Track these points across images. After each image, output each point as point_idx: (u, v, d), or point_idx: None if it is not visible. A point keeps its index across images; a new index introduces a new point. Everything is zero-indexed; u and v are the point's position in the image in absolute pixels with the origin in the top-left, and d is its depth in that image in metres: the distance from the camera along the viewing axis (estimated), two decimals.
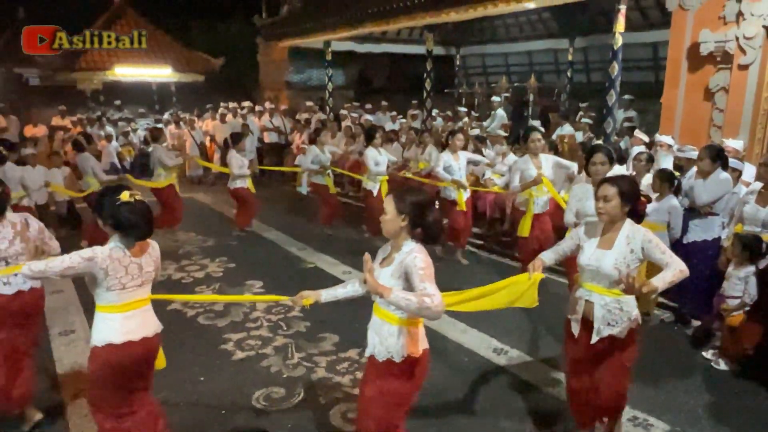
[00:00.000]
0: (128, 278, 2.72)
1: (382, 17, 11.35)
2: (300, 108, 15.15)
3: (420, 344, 2.61)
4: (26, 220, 3.41)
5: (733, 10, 6.94)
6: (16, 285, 3.27)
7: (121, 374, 2.75)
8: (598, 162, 4.09)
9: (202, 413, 3.65)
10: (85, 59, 15.98)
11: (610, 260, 2.82)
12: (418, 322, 2.61)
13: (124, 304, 2.74)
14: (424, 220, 2.45)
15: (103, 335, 2.71)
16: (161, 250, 3.00)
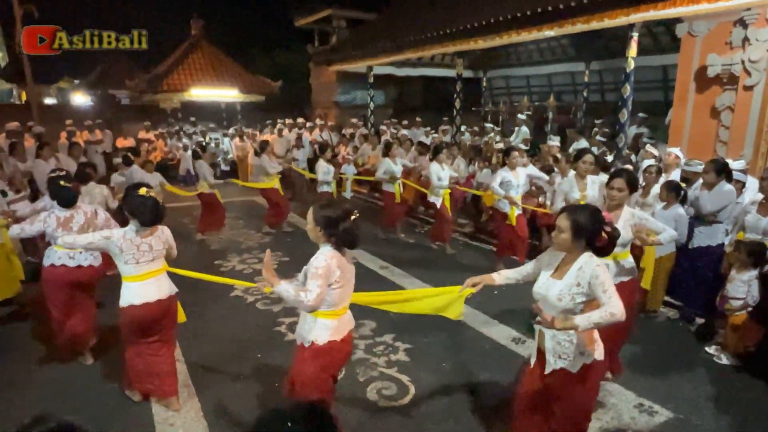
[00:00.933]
0: (140, 254, 3.09)
1: (417, 45, 11.38)
2: (346, 124, 15.30)
3: (327, 334, 2.56)
4: (96, 210, 4.01)
5: (740, 36, 6.70)
6: (78, 260, 3.82)
7: (142, 327, 3.19)
8: (615, 187, 3.45)
9: (260, 384, 3.74)
10: (167, 83, 16.56)
11: (555, 290, 2.42)
12: (332, 314, 2.56)
13: (140, 275, 3.11)
14: (335, 230, 2.49)
15: (126, 299, 3.14)
16: (227, 246, 3.16)
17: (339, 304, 2.56)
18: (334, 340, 2.57)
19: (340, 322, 2.60)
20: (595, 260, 2.37)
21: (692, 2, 6.24)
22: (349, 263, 2.60)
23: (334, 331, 2.57)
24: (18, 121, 10.54)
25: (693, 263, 4.78)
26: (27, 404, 3.44)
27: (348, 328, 2.68)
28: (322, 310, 2.53)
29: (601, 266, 2.34)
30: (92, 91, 26.35)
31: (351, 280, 2.64)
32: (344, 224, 2.49)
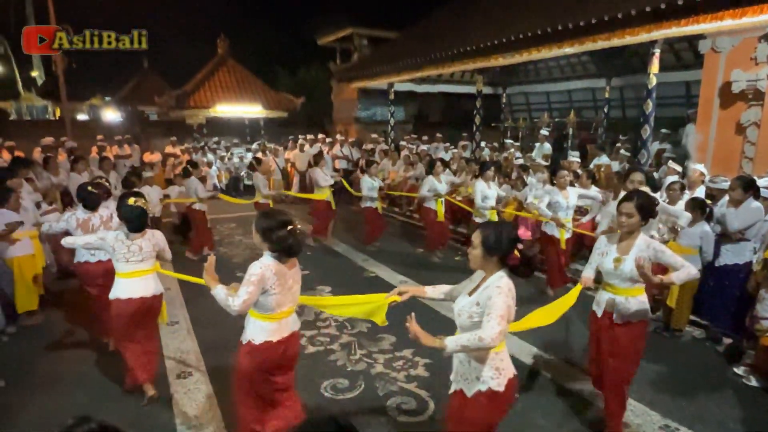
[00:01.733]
0: (130, 254, 3.45)
1: (438, 63, 11.46)
2: (366, 139, 15.43)
3: (264, 335, 2.71)
4: (111, 214, 4.30)
5: (764, 52, 6.61)
6: (98, 256, 4.19)
7: (126, 320, 3.49)
8: (624, 212, 3.04)
9: None
10: (194, 99, 16.99)
11: (457, 306, 2.39)
12: (270, 317, 2.71)
13: (129, 272, 3.46)
14: (270, 238, 2.63)
15: (114, 292, 3.50)
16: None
17: (277, 308, 2.70)
18: (270, 340, 2.72)
19: (280, 325, 2.75)
20: (502, 281, 2.24)
21: (715, 18, 6.18)
22: (291, 269, 2.74)
23: (272, 332, 2.72)
24: (52, 137, 10.93)
25: (719, 281, 4.66)
26: (55, 411, 3.51)
27: (289, 330, 2.81)
28: (260, 312, 2.70)
29: (502, 288, 2.21)
30: (122, 108, 27.17)
31: (293, 286, 2.78)
32: (280, 233, 2.61)
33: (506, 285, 2.24)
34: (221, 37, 18.67)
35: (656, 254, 2.98)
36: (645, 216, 2.99)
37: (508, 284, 2.25)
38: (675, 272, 2.99)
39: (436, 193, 7.32)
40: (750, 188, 4.48)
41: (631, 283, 3.07)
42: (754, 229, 4.48)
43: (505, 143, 12.39)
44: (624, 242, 3.08)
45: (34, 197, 5.80)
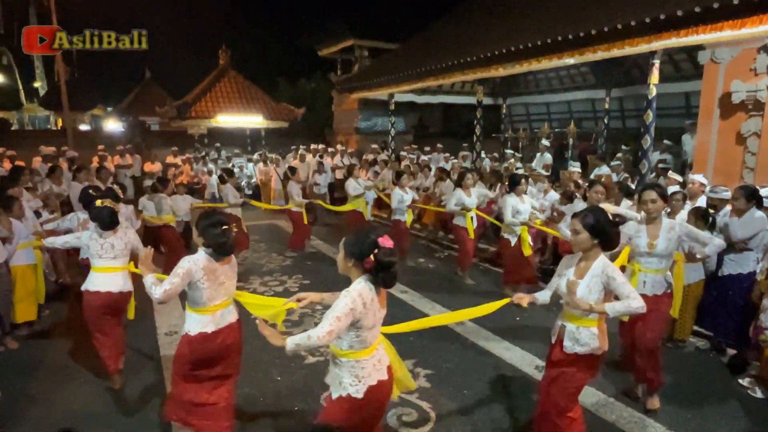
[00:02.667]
0: (103, 251, 3.74)
1: (438, 73, 11.53)
2: (366, 150, 15.47)
3: (198, 327, 2.92)
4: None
5: (764, 62, 6.64)
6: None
7: (94, 311, 3.77)
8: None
9: (278, 408, 3.70)
10: (195, 109, 17.06)
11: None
12: (203, 310, 2.91)
13: (99, 268, 3.74)
14: (205, 236, 2.86)
15: (85, 284, 3.79)
16: (249, 268, 3.24)
17: (209, 302, 2.90)
18: (205, 332, 2.90)
19: (214, 317, 2.93)
20: (355, 286, 2.28)
21: (715, 29, 6.21)
22: (224, 266, 2.95)
23: (206, 324, 2.91)
24: (54, 146, 10.97)
25: (723, 292, 4.62)
26: (51, 424, 3.47)
27: (226, 321, 2.99)
28: (193, 307, 2.92)
29: (350, 292, 2.26)
30: (124, 118, 27.30)
31: (225, 281, 2.97)
32: (214, 231, 2.82)
33: (356, 290, 2.25)
34: (223, 47, 18.80)
35: (608, 280, 2.66)
36: (596, 236, 2.67)
37: (359, 290, 2.25)
38: (611, 303, 2.66)
39: (464, 207, 6.74)
40: (753, 198, 4.46)
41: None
42: (757, 239, 4.46)
43: (505, 153, 12.41)
44: (582, 263, 2.78)
45: (33, 204, 5.80)
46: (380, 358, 2.44)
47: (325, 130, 20.30)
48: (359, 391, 2.33)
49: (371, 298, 2.27)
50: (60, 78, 15.11)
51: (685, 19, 6.37)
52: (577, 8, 9.02)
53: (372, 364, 2.37)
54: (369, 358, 2.36)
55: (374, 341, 2.40)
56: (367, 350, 2.34)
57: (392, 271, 2.28)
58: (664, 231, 3.50)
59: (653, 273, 3.58)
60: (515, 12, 11.62)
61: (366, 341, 2.31)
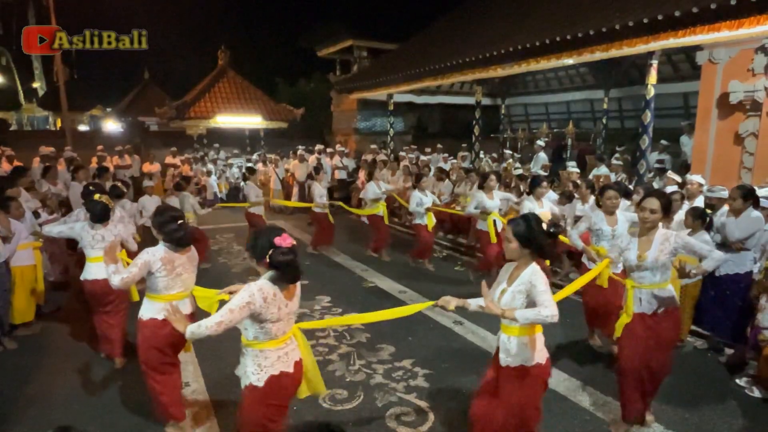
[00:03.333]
0: (94, 242, 4.05)
1: (437, 74, 11.54)
2: (365, 150, 15.48)
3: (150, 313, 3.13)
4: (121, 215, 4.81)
5: (761, 63, 6.66)
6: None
7: (94, 298, 4.13)
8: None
9: None
10: (194, 110, 17.06)
11: None
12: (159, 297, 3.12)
13: (92, 258, 4.01)
14: (162, 230, 3.08)
15: (83, 275, 4.14)
16: (247, 268, 3.24)
17: (164, 290, 3.10)
18: (155, 318, 3.08)
19: (166, 306, 2.91)
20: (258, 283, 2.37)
21: (712, 30, 6.23)
22: (182, 257, 3.13)
23: (158, 311, 3.08)
24: (53, 147, 10.95)
25: (720, 291, 4.64)
26: (49, 424, 3.47)
27: (183, 312, 3.01)
28: (151, 293, 3.13)
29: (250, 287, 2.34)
30: (123, 118, 27.28)
31: (182, 273, 3.15)
32: (171, 226, 3.04)
33: (257, 285, 2.35)
34: (222, 48, 18.81)
35: (530, 287, 2.54)
36: (527, 245, 2.59)
37: (260, 285, 2.35)
38: (521, 310, 2.51)
39: (484, 210, 6.37)
40: (750, 197, 4.48)
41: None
42: (754, 239, 4.47)
43: (504, 154, 12.43)
44: (515, 271, 2.67)
45: (31, 204, 5.80)
46: (288, 351, 2.53)
47: (324, 130, 20.31)
48: (260, 379, 2.43)
49: (273, 293, 2.36)
50: (59, 78, 15.09)
51: (682, 19, 6.39)
52: (576, 9, 9.04)
53: (277, 356, 2.46)
54: (274, 350, 2.45)
55: (282, 334, 2.47)
56: (272, 342, 2.44)
57: (293, 267, 2.38)
58: (657, 242, 3.16)
59: (648, 288, 3.22)
60: (514, 13, 11.64)
61: (271, 333, 2.40)
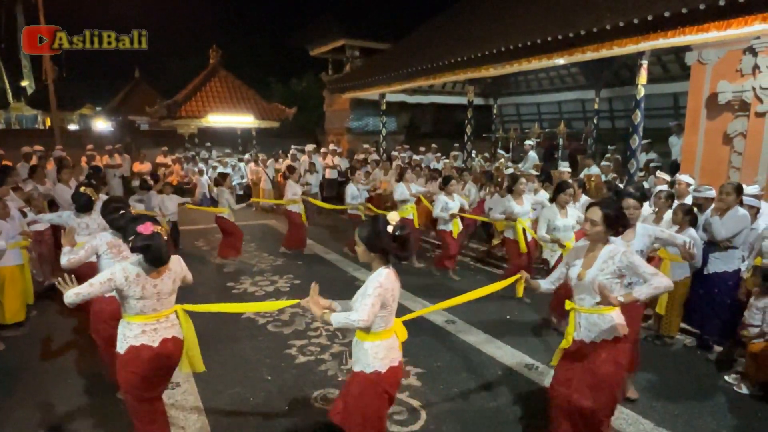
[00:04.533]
0: (80, 229, 4.27)
1: (429, 73, 11.54)
2: (358, 150, 15.47)
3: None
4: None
5: (750, 64, 6.72)
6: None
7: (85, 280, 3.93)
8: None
9: (269, 407, 3.69)
10: (185, 109, 16.96)
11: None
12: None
13: (78, 243, 3.80)
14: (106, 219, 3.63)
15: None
16: (240, 268, 3.21)
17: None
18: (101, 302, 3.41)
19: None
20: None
21: (701, 30, 6.28)
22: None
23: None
24: (42, 146, 10.84)
25: (709, 290, 4.68)
26: (39, 425, 3.43)
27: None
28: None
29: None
30: (113, 117, 27.05)
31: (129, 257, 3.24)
32: (113, 216, 3.43)
33: (120, 265, 2.73)
34: (213, 47, 18.71)
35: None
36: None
37: (123, 266, 2.71)
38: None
39: (510, 216, 6.03)
40: (740, 192, 4.56)
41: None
42: (741, 237, 4.52)
43: (496, 154, 12.48)
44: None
45: (14, 203, 5.73)
46: (159, 328, 2.82)
47: (317, 130, 20.27)
48: (122, 348, 2.77)
49: (136, 274, 2.68)
50: (48, 77, 14.92)
51: (672, 20, 6.44)
52: (567, 9, 9.08)
53: (142, 330, 2.76)
54: (139, 324, 2.76)
55: (151, 312, 2.77)
56: (138, 316, 2.75)
57: (152, 252, 2.65)
58: (599, 260, 2.79)
59: (587, 312, 2.85)
60: (506, 13, 11.67)
61: (136, 308, 2.73)
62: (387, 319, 2.58)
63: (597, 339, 2.82)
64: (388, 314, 2.57)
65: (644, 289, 2.64)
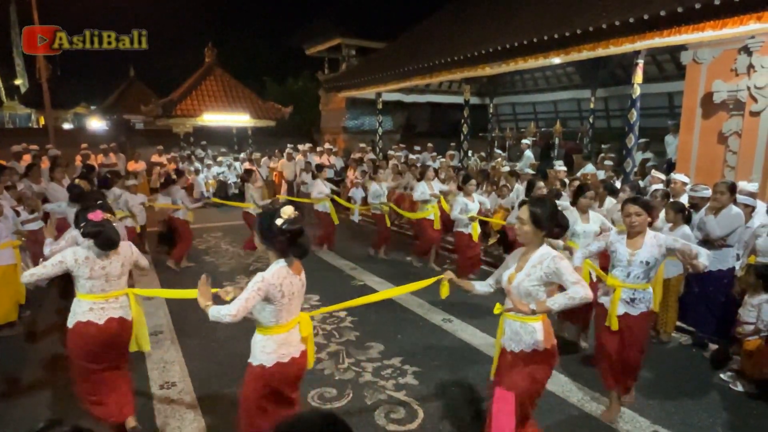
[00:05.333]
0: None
1: (425, 72, 11.55)
2: (354, 149, 15.45)
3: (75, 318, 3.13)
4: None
5: (744, 63, 6.76)
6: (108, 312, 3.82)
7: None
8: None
9: None
10: (181, 108, 16.85)
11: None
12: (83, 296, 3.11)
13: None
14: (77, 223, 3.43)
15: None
16: (235, 268, 3.18)
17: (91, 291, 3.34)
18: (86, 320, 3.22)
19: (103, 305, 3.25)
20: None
21: (697, 29, 6.31)
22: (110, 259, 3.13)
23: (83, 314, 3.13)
24: (36, 145, 10.77)
25: (704, 288, 4.71)
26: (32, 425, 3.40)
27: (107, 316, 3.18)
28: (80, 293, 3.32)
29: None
30: (108, 116, 26.89)
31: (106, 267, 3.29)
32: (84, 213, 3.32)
33: (72, 250, 2.96)
34: (209, 45, 18.62)
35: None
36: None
37: (75, 250, 2.95)
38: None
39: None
40: (734, 191, 4.59)
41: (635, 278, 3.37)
42: (735, 235, 4.55)
43: (493, 153, 12.50)
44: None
45: (6, 203, 5.68)
46: (106, 307, 3.04)
47: (313, 129, 20.23)
48: (70, 323, 3.02)
49: (86, 257, 2.93)
50: (42, 75, 14.82)
51: (668, 19, 6.47)
52: (563, 9, 9.10)
53: (89, 307, 3.00)
54: (87, 302, 3.00)
55: (100, 292, 3.01)
56: (88, 295, 3.00)
57: (101, 237, 2.90)
58: (529, 264, 2.61)
59: (512, 319, 2.72)
60: (502, 11, 11.68)
61: (86, 287, 2.98)
62: (279, 315, 2.53)
63: (516, 349, 2.69)
64: (278, 310, 2.51)
65: (559, 298, 2.48)
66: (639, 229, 3.29)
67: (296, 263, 2.59)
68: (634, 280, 3.33)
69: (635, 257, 3.29)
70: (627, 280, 3.34)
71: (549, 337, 2.65)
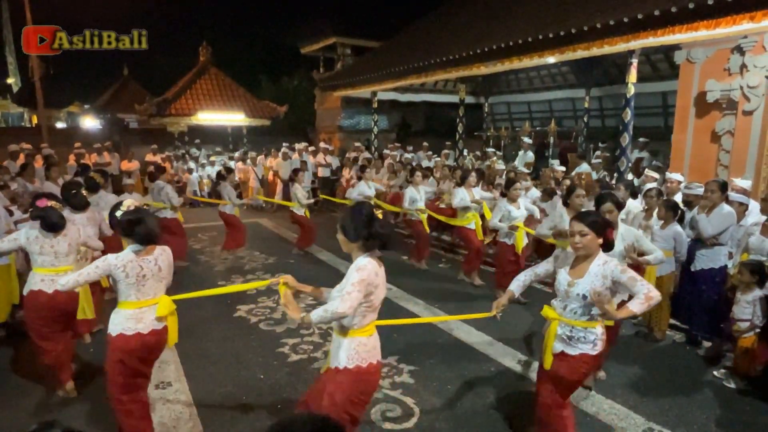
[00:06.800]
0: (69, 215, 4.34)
1: (420, 71, 11.55)
2: (349, 148, 15.44)
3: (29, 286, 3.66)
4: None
5: (737, 63, 6.81)
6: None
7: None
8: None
9: (261, 406, 3.67)
10: (175, 107, 16.78)
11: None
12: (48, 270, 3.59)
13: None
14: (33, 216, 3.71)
15: None
16: (231, 267, 3.17)
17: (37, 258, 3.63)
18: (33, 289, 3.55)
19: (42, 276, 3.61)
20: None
21: (690, 29, 6.34)
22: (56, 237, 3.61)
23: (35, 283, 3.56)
24: (29, 144, 10.69)
25: (696, 286, 4.74)
26: (23, 427, 3.38)
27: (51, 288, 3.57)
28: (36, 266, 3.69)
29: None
30: (101, 115, 26.74)
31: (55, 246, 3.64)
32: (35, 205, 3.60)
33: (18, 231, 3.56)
34: (203, 44, 18.54)
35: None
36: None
37: (26, 231, 3.54)
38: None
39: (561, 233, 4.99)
40: (725, 189, 4.62)
41: None
42: (727, 234, 4.58)
43: (487, 152, 12.52)
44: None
45: (2, 202, 5.64)
46: (54, 279, 3.40)
47: (308, 128, 20.19)
48: (25, 291, 3.58)
49: (35, 236, 3.50)
50: (34, 74, 14.71)
51: (661, 18, 6.49)
52: (558, 8, 9.12)
53: (41, 279, 3.52)
54: (38, 274, 3.54)
55: (47, 265, 3.53)
56: (36, 268, 3.54)
57: (44, 220, 3.43)
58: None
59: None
60: (497, 11, 11.70)
61: (33, 261, 3.57)
62: (128, 293, 2.90)
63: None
64: (126, 287, 2.89)
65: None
66: (584, 252, 2.71)
67: (149, 246, 2.91)
68: (571, 315, 2.76)
69: (573, 288, 2.71)
70: (564, 314, 2.80)
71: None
